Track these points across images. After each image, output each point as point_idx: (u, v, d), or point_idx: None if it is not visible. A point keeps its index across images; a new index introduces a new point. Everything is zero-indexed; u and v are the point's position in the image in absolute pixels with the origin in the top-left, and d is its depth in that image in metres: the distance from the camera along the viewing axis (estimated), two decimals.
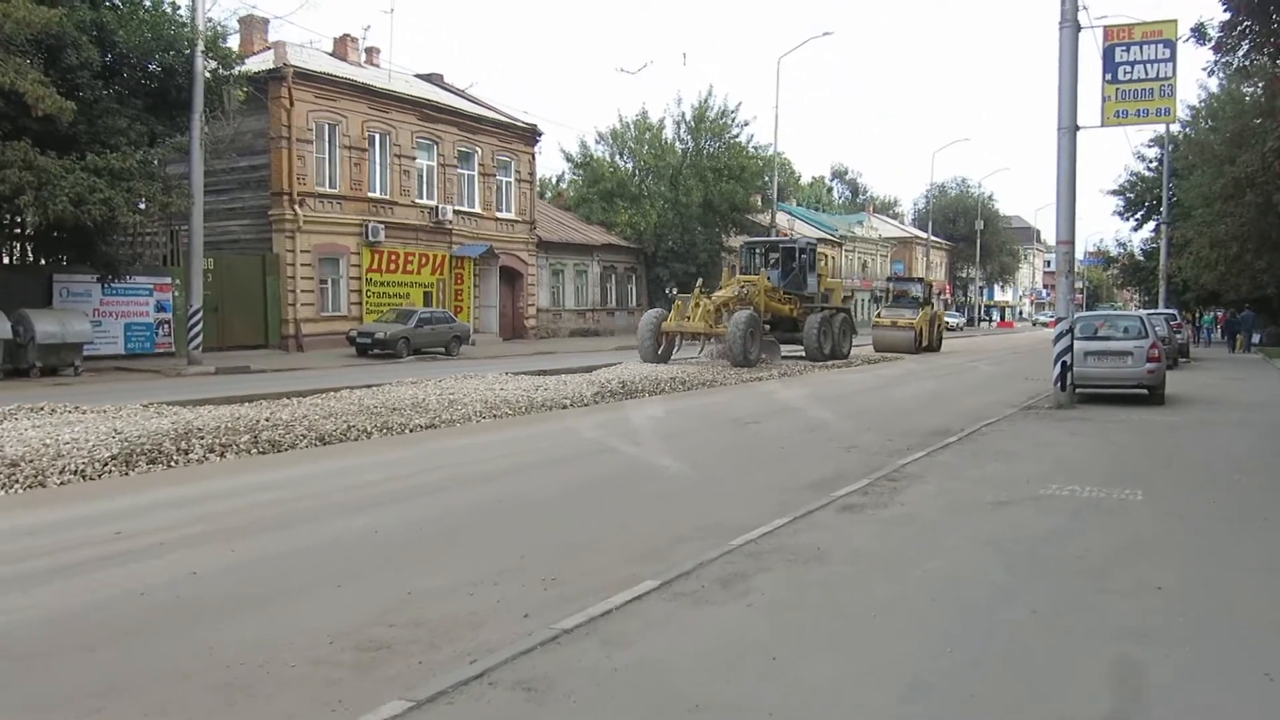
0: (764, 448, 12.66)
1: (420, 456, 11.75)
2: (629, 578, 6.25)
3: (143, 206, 22.97)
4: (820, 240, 73.26)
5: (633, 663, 4.76)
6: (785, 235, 34.20)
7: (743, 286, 29.05)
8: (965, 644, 5.06)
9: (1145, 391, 17.81)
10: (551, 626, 5.24)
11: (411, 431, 13.94)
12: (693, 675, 4.62)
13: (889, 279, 50.21)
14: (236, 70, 26.66)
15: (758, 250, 33.73)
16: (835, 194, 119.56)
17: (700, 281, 30.69)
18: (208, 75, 25.78)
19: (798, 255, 32.51)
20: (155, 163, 24.00)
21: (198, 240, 25.63)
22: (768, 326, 29.23)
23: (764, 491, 9.55)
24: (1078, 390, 17.63)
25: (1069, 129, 16.57)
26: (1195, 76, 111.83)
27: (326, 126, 33.81)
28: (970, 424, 14.68)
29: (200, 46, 23.87)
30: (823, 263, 36.07)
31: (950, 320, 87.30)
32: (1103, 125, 16.88)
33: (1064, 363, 16.74)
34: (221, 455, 11.44)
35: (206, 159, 32.56)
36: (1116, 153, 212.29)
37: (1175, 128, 41.22)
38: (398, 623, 5.60)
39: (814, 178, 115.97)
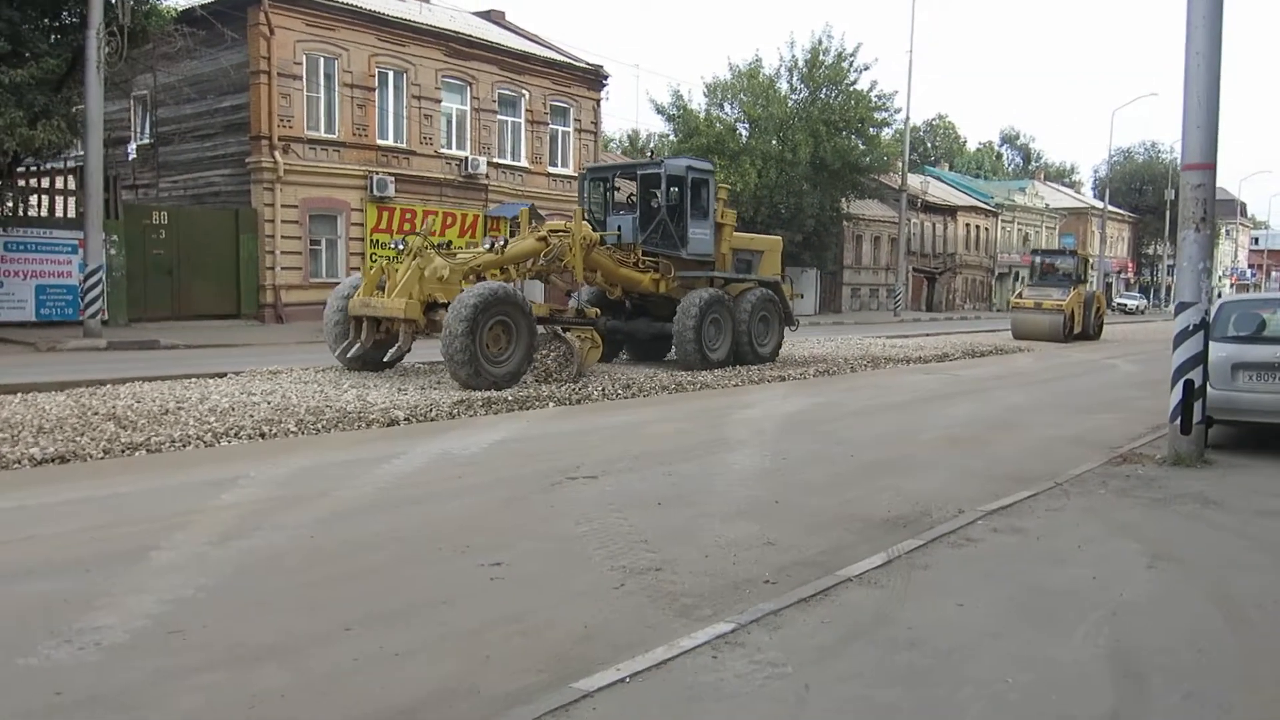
0: (461, 576, 6.11)
1: None
2: None
3: None
4: (970, 208, 64.46)
5: None
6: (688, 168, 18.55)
7: (545, 239, 16.32)
8: None
9: None
10: None
11: None
12: None
13: (1033, 252, 42.00)
14: None
15: (606, 183, 19.70)
16: (1005, 160, 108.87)
17: (430, 222, 19.70)
18: None
19: (666, 190, 17.95)
20: (33, 84, 19.64)
21: (95, 183, 21.01)
22: (601, 314, 18.09)
23: None
24: (1221, 424, 10.41)
25: None
26: None
27: (321, 60, 28.58)
28: (982, 501, 7.81)
29: None
30: (721, 204, 19.39)
31: (1129, 302, 76.35)
32: None
33: (1188, 382, 9.46)
34: None
35: (182, 100, 28.28)
36: None
37: None
38: None
39: (981, 143, 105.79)
